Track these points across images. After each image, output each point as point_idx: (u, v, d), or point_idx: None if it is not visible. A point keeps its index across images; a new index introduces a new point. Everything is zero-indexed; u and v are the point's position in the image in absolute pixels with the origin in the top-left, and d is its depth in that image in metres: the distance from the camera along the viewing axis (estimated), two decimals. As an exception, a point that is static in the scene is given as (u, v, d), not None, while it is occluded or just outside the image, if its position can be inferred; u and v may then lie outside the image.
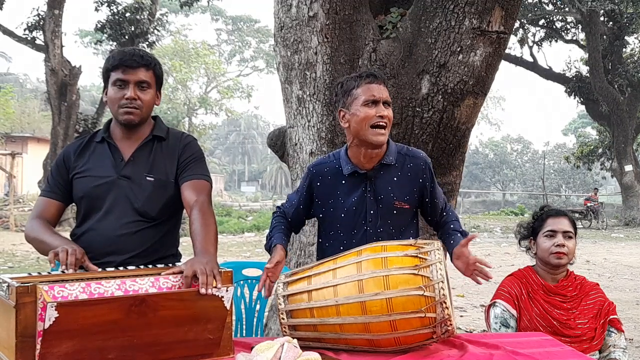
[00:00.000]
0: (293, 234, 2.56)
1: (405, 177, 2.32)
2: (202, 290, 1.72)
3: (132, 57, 2.21)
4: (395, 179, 2.31)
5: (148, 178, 2.24)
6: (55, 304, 1.50)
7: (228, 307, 1.77)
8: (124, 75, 2.19)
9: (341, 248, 2.27)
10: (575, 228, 2.65)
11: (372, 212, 2.31)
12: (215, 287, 1.75)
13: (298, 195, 2.43)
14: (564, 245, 2.56)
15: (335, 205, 2.34)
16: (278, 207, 2.52)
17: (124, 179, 2.23)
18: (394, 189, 2.31)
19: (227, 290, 1.75)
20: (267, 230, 2.45)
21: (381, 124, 2.21)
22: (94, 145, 2.31)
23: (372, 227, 2.31)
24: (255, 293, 3.01)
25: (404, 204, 2.32)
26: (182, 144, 2.33)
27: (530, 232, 2.70)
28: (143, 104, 2.22)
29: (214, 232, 2.08)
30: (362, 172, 2.30)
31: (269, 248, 2.31)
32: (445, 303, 1.84)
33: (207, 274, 1.75)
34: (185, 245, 2.09)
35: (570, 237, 2.59)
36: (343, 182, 2.33)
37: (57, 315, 1.50)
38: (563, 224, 2.61)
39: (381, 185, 2.30)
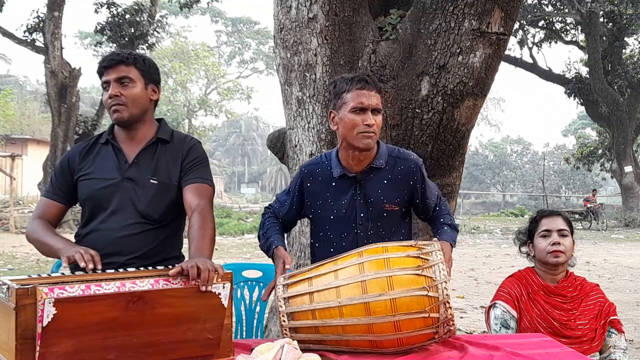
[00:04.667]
0: (292, 235, 2.56)
1: (396, 180, 2.31)
2: (203, 287, 1.73)
3: (109, 57, 2.24)
4: (385, 181, 2.30)
5: (151, 181, 2.24)
6: (53, 300, 1.51)
7: (226, 304, 1.77)
8: (105, 77, 2.23)
9: (332, 250, 2.27)
10: (570, 227, 2.65)
11: (362, 215, 2.31)
12: (217, 276, 1.76)
13: (290, 196, 2.43)
14: (559, 244, 2.56)
15: (325, 207, 2.34)
16: (267, 207, 2.50)
17: (128, 181, 2.24)
18: (384, 191, 2.30)
19: (224, 287, 1.76)
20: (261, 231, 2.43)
21: (367, 132, 2.20)
22: (99, 147, 2.32)
23: (362, 230, 2.31)
24: (255, 294, 3.01)
25: (394, 206, 2.32)
26: (187, 147, 2.33)
27: (527, 236, 2.70)
28: (127, 99, 2.22)
29: (210, 237, 2.09)
30: (351, 175, 2.30)
31: (267, 249, 2.30)
32: (449, 303, 1.85)
33: (209, 270, 1.76)
34: (187, 247, 2.11)
35: (565, 235, 2.60)
36: (333, 184, 2.33)
37: (55, 311, 1.51)
38: (557, 223, 2.61)
39: (371, 189, 2.30)
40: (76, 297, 1.57)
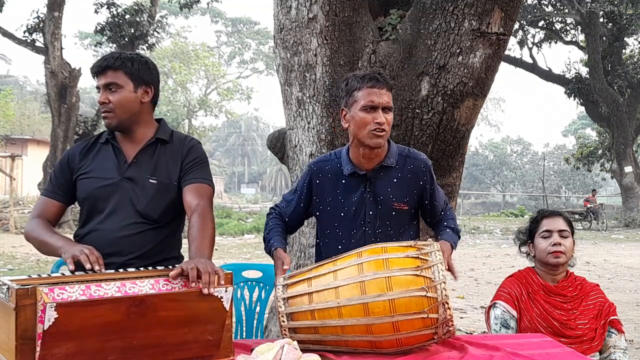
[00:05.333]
0: (292, 236, 2.55)
1: (406, 179, 2.32)
2: (205, 290, 1.72)
3: (97, 63, 2.24)
4: (395, 180, 2.31)
5: (151, 180, 2.24)
6: (55, 304, 1.51)
7: (227, 308, 1.77)
8: (97, 82, 2.25)
9: (340, 247, 2.28)
10: (571, 227, 2.66)
11: (371, 212, 2.31)
12: (218, 283, 1.75)
13: (297, 194, 2.43)
14: (560, 244, 2.56)
15: (334, 205, 2.34)
16: (272, 207, 2.51)
17: (127, 181, 2.24)
18: (394, 190, 2.31)
19: (226, 291, 1.76)
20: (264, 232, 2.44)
21: (378, 131, 2.21)
22: (99, 146, 2.32)
23: (370, 228, 2.32)
24: (255, 295, 3.01)
25: (402, 205, 2.33)
26: (186, 147, 2.33)
27: (528, 236, 2.70)
28: (115, 105, 2.22)
29: (210, 237, 2.09)
30: (362, 173, 2.31)
31: (269, 251, 2.31)
32: (447, 304, 1.85)
33: (210, 273, 1.76)
34: (187, 247, 2.11)
35: (566, 236, 2.60)
36: (343, 181, 2.33)
37: (57, 315, 1.51)
38: (558, 224, 2.61)
39: (381, 187, 2.31)
40: (78, 302, 1.56)
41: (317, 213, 2.41)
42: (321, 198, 2.37)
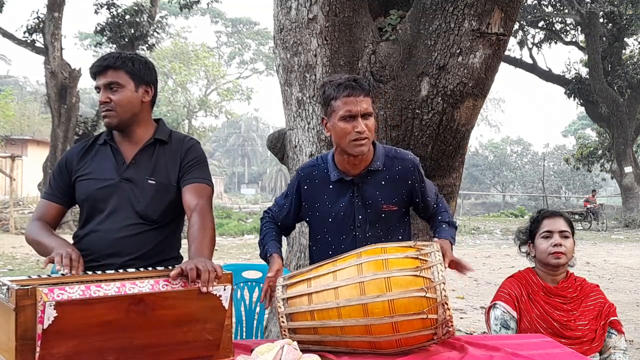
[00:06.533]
0: (292, 236, 2.55)
1: (394, 180, 2.31)
2: (204, 289, 1.72)
3: (97, 63, 2.24)
4: (383, 182, 2.30)
5: (150, 181, 2.24)
6: (54, 303, 1.51)
7: (226, 306, 1.77)
8: (97, 82, 2.25)
9: (330, 252, 2.26)
10: (572, 228, 2.65)
11: (360, 217, 2.30)
12: (217, 278, 1.76)
13: (287, 199, 2.43)
14: (561, 245, 2.56)
15: (323, 210, 2.34)
16: (266, 211, 2.51)
17: (126, 182, 2.23)
18: (382, 193, 2.30)
19: (224, 289, 1.76)
20: (259, 237, 2.45)
21: (360, 140, 2.18)
22: (97, 147, 2.32)
23: (360, 232, 2.31)
24: (255, 295, 3.01)
25: (392, 207, 2.31)
26: (185, 148, 2.33)
27: (528, 236, 2.70)
28: (116, 104, 2.22)
29: (210, 237, 2.09)
30: (348, 178, 2.30)
31: (264, 257, 2.31)
32: (447, 304, 1.85)
33: (209, 271, 1.76)
34: (186, 247, 2.11)
35: (567, 237, 2.59)
36: (330, 187, 2.32)
37: (56, 314, 1.52)
38: (559, 224, 2.61)
39: (368, 191, 2.30)
40: (77, 300, 1.57)
41: (307, 218, 2.41)
42: (310, 203, 2.36)
